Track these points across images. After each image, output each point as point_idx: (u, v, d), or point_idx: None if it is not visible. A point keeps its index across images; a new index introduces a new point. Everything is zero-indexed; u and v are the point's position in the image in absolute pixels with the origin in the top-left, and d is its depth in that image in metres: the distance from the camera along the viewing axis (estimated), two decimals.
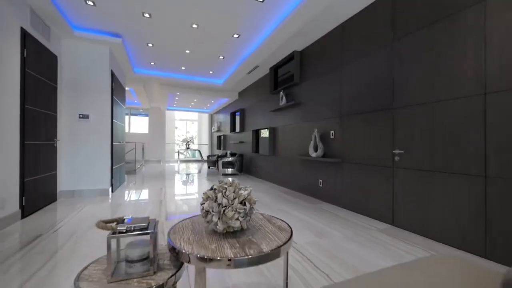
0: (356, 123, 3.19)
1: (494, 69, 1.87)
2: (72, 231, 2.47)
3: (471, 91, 2.01)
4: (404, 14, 2.56)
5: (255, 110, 6.64)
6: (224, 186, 1.01)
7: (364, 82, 3.05)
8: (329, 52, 3.69)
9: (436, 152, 2.25)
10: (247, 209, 0.98)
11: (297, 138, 4.56)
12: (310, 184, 4.16)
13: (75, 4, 3.20)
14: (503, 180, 1.80)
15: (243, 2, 3.06)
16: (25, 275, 1.64)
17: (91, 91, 4.11)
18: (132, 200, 3.91)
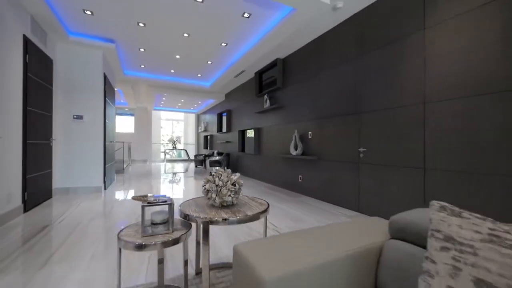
0: (330, 125, 3.66)
1: (431, 84, 2.38)
2: (76, 223, 2.74)
3: (414, 101, 2.51)
4: (366, 36, 3.06)
5: (241, 111, 7.02)
6: (220, 172, 1.39)
7: (337, 90, 3.53)
8: (308, 62, 4.15)
9: (390, 149, 2.75)
10: (236, 188, 1.37)
11: (279, 138, 4.99)
12: (291, 180, 4.61)
13: (74, 13, 3.43)
14: (437, 171, 2.31)
15: (231, 17, 3.44)
16: (47, 253, 1.94)
17: (85, 93, 4.32)
18: (126, 196, 4.17)
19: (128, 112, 12.32)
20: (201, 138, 12.67)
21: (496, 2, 1.93)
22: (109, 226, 2.64)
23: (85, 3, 3.17)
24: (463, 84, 2.13)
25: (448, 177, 2.23)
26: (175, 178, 6.48)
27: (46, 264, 1.78)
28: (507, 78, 1.87)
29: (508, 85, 1.86)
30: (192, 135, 14.51)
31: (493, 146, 1.93)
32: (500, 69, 1.91)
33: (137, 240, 1.12)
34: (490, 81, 1.96)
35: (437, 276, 0.65)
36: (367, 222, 1.20)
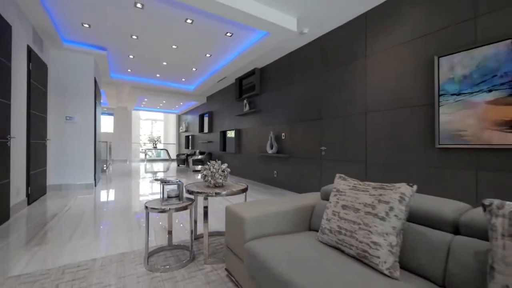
0: (299, 128, 4.37)
1: (370, 98, 3.14)
2: (81, 211, 3.16)
3: (359, 111, 3.27)
4: (327, 56, 3.79)
5: (222, 113, 7.57)
6: (214, 163, 1.99)
7: (305, 99, 4.24)
8: (282, 73, 4.83)
9: (343, 148, 3.50)
10: (225, 174, 1.97)
11: (257, 139, 5.64)
12: (268, 175, 5.27)
13: (72, 25, 3.79)
14: (374, 165, 3.08)
15: (216, 35, 4.02)
16: (68, 231, 2.40)
17: (77, 96, 4.64)
18: (118, 191, 4.57)
19: (107, 112, 12.28)
20: (182, 138, 12.96)
21: (413, 42, 2.72)
22: (113, 213, 3.10)
23: (84, 17, 3.56)
24: (390, 100, 2.91)
25: (381, 168, 3.00)
26: (160, 176, 6.87)
27: (72, 239, 2.25)
28: (415, 98, 2.65)
29: (416, 102, 2.65)
30: (173, 135, 14.71)
31: (410, 145, 2.72)
32: (412, 91, 2.70)
33: (160, 207, 1.69)
34: (407, 99, 2.75)
35: (331, 206, 1.32)
36: (311, 195, 1.87)
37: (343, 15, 3.31)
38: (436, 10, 2.51)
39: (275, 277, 1.04)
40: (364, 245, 1.07)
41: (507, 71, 2.03)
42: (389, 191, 1.12)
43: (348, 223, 1.17)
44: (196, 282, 1.54)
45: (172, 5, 3.18)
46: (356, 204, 1.18)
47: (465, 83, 2.27)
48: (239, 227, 1.43)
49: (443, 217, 1.05)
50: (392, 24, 2.91)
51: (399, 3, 2.84)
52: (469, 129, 2.24)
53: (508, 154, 2.03)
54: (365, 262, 1.07)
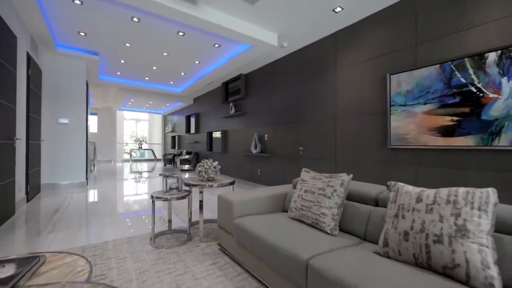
0: (280, 130, 4.86)
1: (339, 106, 3.69)
2: (81, 206, 3.45)
3: (331, 116, 3.81)
4: (305, 67, 4.31)
5: (209, 115, 7.94)
6: (207, 161, 2.41)
7: (285, 104, 4.74)
8: (265, 80, 5.30)
9: (318, 148, 4.03)
10: (216, 169, 2.40)
11: (242, 139, 6.08)
12: (252, 173, 5.72)
13: (68, 32, 4.03)
14: (342, 162, 3.62)
15: (205, 46, 4.41)
16: (76, 221, 2.72)
17: (69, 99, 4.85)
18: (109, 189, 4.83)
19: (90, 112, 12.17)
20: (168, 138, 13.10)
21: (372, 60, 3.28)
22: (111, 207, 3.42)
23: (81, 26, 3.82)
24: (354, 108, 3.46)
25: (347, 164, 3.55)
26: (150, 175, 7.12)
27: (80, 227, 2.58)
28: (373, 107, 3.22)
29: (374, 110, 3.21)
30: (158, 135, 14.78)
31: (369, 145, 3.28)
32: (370, 101, 3.26)
33: (164, 196, 2.09)
34: (367, 107, 3.30)
35: (297, 192, 1.79)
36: (286, 186, 2.35)
37: (317, 33, 3.83)
38: (389, 36, 3.09)
39: (257, 239, 1.49)
40: (316, 215, 1.55)
41: (436, 89, 2.62)
42: (335, 179, 1.61)
43: (307, 202, 1.65)
44: (195, 254, 1.97)
45: (166, 20, 3.54)
46: (313, 189, 1.67)
47: (409, 96, 2.85)
48: (228, 209, 1.87)
49: (369, 196, 1.55)
50: (357, 44, 3.46)
51: (361, 27, 3.40)
52: (411, 133, 2.82)
53: (438, 153, 2.62)
54: (317, 227, 1.55)
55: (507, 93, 2.17)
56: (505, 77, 2.18)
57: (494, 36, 2.26)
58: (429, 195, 1.12)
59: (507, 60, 2.18)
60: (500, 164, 2.22)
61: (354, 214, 1.54)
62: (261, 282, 1.57)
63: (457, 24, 2.50)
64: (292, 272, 1.22)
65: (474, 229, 0.96)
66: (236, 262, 1.84)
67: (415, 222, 1.09)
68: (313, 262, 1.13)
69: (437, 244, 1.00)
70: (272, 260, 1.35)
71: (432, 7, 2.69)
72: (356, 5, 3.08)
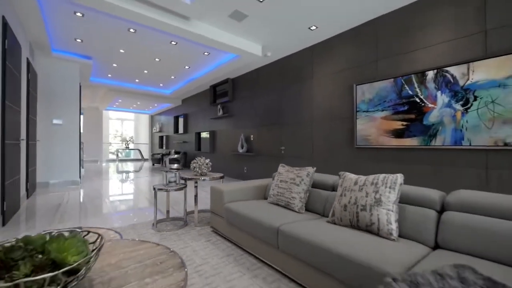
0: (264, 131, 5.33)
1: (315, 111, 4.20)
2: (81, 202, 3.75)
3: (308, 120, 4.32)
4: (286, 74, 4.80)
5: (197, 116, 8.28)
6: (199, 159, 2.82)
7: (269, 107, 5.21)
8: (250, 84, 5.75)
9: (297, 148, 4.53)
10: (208, 165, 2.82)
11: (230, 139, 6.49)
12: (239, 171, 6.16)
13: (65, 39, 4.28)
14: (318, 160, 4.14)
15: (195, 53, 4.79)
16: (80, 213, 3.04)
17: (63, 101, 5.06)
18: (102, 186, 5.10)
19: None
20: (156, 138, 13.24)
21: (343, 72, 3.81)
22: (109, 202, 3.74)
23: (78, 34, 4.09)
24: (328, 112, 3.99)
25: (322, 161, 4.07)
26: (139, 174, 7.36)
27: (86, 218, 2.91)
28: (343, 112, 3.75)
29: (343, 115, 3.74)
30: (145, 135, 14.84)
31: (340, 145, 3.81)
32: (341, 107, 3.79)
33: (164, 187, 2.49)
34: (338, 112, 3.84)
35: (274, 182, 2.26)
36: (268, 179, 2.82)
37: (296, 46, 4.33)
38: (356, 51, 3.63)
39: (243, 217, 1.94)
40: (288, 199, 2.02)
41: (391, 98, 3.18)
42: (303, 171, 2.09)
43: (282, 189, 2.12)
44: (192, 235, 2.38)
45: (160, 31, 3.90)
46: (287, 179, 2.14)
47: (370, 104, 3.40)
48: (220, 197, 2.30)
49: (327, 183, 2.04)
50: (329, 57, 3.99)
51: (333, 43, 3.93)
52: (372, 135, 3.37)
53: (392, 152, 3.18)
54: (288, 208, 2.03)
55: (441, 104, 2.76)
56: (439, 91, 2.77)
57: (432, 58, 2.84)
58: (362, 180, 1.62)
59: (441, 78, 2.76)
60: (435, 159, 2.80)
61: (317, 197, 2.03)
62: (245, 250, 2.02)
63: (407, 46, 3.07)
64: (268, 236, 1.68)
65: (385, 200, 1.46)
66: (226, 238, 2.28)
67: (351, 198, 1.59)
68: (282, 228, 1.60)
69: (363, 211, 1.49)
70: (254, 231, 1.81)
71: (388, 31, 3.25)
72: (328, 24, 3.60)
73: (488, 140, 2.43)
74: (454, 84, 2.67)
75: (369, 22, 3.45)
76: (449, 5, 2.72)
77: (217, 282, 1.55)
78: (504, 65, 2.36)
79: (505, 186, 2.35)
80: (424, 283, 0.83)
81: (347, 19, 3.44)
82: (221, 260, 1.86)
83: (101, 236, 0.92)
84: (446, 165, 2.73)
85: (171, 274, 0.98)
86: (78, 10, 3.33)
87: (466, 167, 2.59)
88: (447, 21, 2.74)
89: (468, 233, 1.25)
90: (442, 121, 2.75)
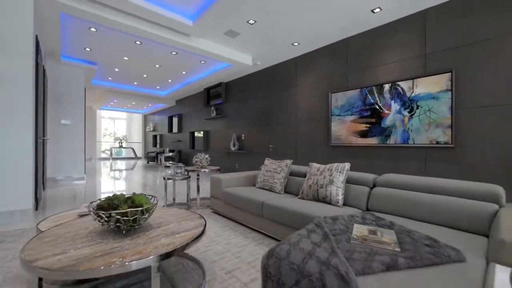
0: (255, 131, 5.95)
1: (300, 113, 4.87)
2: (93, 193, 4.26)
3: (293, 121, 4.98)
4: (274, 81, 5.44)
5: (191, 116, 8.81)
6: (200, 155, 3.42)
7: (258, 109, 5.84)
8: (242, 89, 6.36)
9: (283, 146, 5.19)
10: (208, 160, 3.43)
11: (223, 138, 7.09)
12: (231, 167, 6.76)
13: (75, 48, 4.76)
14: (300, 156, 4.81)
15: (193, 62, 5.36)
16: None
17: (69, 102, 5.51)
18: (107, 181, 5.59)
19: None
20: (149, 137, 13.62)
21: (321, 81, 4.48)
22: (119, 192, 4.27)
23: (88, 44, 4.58)
24: (309, 116, 4.66)
25: (304, 158, 4.74)
26: (139, 170, 7.84)
27: None
28: (321, 115, 4.43)
29: (321, 118, 4.42)
30: (138, 134, 15.16)
31: (318, 144, 4.49)
32: (319, 111, 4.47)
33: (173, 177, 3.08)
34: (317, 116, 4.51)
35: (261, 171, 2.90)
36: (257, 171, 3.46)
37: (282, 57, 4.98)
38: (331, 64, 4.31)
39: (237, 197, 2.56)
40: (271, 183, 2.67)
41: (357, 105, 3.87)
42: (283, 162, 2.73)
43: (266, 177, 2.76)
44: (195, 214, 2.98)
45: (163, 44, 4.45)
46: (271, 169, 2.78)
47: (342, 109, 4.09)
48: (218, 184, 2.92)
49: (301, 172, 2.70)
50: (310, 68, 4.66)
51: (313, 56, 4.60)
52: (343, 135, 4.07)
53: (359, 149, 3.88)
54: (271, 190, 2.67)
55: (394, 110, 3.47)
56: (393, 100, 3.48)
57: (388, 74, 3.55)
58: (322, 167, 2.28)
59: (394, 90, 3.47)
60: (390, 155, 3.52)
61: (293, 182, 2.68)
62: (238, 222, 2.65)
63: (370, 62, 3.77)
64: (255, 209, 2.32)
65: (336, 180, 2.12)
66: (223, 216, 2.90)
67: (314, 180, 2.24)
68: (266, 201, 2.24)
69: (321, 188, 2.15)
70: (246, 206, 2.44)
71: (356, 49, 3.95)
72: (307, 41, 4.27)
73: (426, 139, 3.16)
74: (403, 95, 3.39)
75: (342, 41, 4.14)
76: (401, 32, 3.44)
77: (219, 240, 2.17)
78: (438, 82, 3.08)
79: (437, 173, 3.08)
80: (340, 218, 1.50)
81: (323, 37, 4.11)
82: (221, 228, 2.48)
83: (155, 197, 1.53)
84: (397, 159, 3.45)
85: (194, 220, 1.60)
86: (93, 26, 3.84)
87: (411, 160, 3.32)
88: (400, 45, 3.45)
89: (386, 199, 1.92)
90: (395, 124, 3.46)
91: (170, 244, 1.22)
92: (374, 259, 0.98)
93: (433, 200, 1.68)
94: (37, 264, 1.00)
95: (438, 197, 1.69)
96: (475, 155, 2.81)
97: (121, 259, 1.05)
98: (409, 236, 1.21)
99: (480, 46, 2.79)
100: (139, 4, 3.14)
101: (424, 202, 1.71)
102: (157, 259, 1.11)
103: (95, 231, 1.38)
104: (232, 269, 1.68)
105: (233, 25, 3.72)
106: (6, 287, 1.43)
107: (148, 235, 1.33)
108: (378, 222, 1.46)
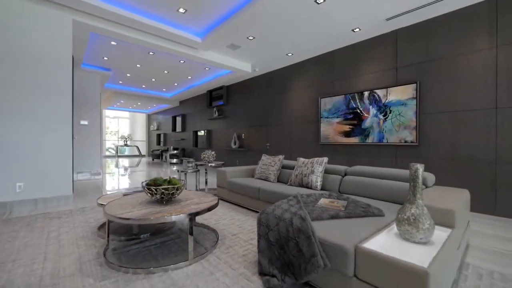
0: (253, 130, 6.58)
1: (294, 115, 5.49)
2: (115, 184, 4.88)
3: (287, 122, 5.61)
4: (271, 85, 6.06)
5: (194, 116, 9.43)
6: (208, 152, 4.04)
7: (257, 111, 6.46)
8: (242, 92, 6.98)
9: (279, 145, 5.82)
10: (214, 155, 4.06)
11: (224, 137, 7.71)
12: (232, 164, 7.39)
13: (95, 57, 5.36)
14: (294, 153, 5.44)
15: (198, 68, 5.97)
16: None
17: (87, 105, 6.12)
18: (120, 176, 6.23)
19: None
20: (153, 136, 14.23)
21: (312, 87, 5.10)
22: (134, 185, 4.89)
23: (107, 54, 5.18)
24: (301, 117, 5.28)
25: (296, 155, 5.37)
26: (146, 167, 8.47)
27: None
28: (311, 117, 5.05)
29: (312, 120, 5.04)
30: (142, 133, 15.76)
31: (309, 143, 5.11)
32: (310, 113, 5.09)
33: (185, 170, 3.70)
34: (308, 117, 5.13)
35: (258, 165, 3.54)
36: (256, 166, 4.09)
37: (278, 64, 5.60)
38: (320, 72, 4.93)
39: (239, 185, 3.19)
40: (267, 175, 3.30)
41: (342, 109, 4.50)
42: (276, 158, 3.36)
43: (263, 170, 3.39)
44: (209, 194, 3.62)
45: (173, 55, 5.06)
46: (266, 163, 3.41)
47: (330, 112, 4.71)
48: (224, 175, 3.55)
49: (291, 165, 3.33)
50: (303, 75, 5.28)
51: (305, 65, 5.22)
52: (330, 135, 4.69)
53: (343, 147, 4.51)
54: (267, 180, 3.30)
55: (372, 114, 4.09)
56: (371, 105, 4.10)
57: (368, 82, 4.17)
58: (306, 161, 2.91)
59: (372, 96, 4.09)
60: (368, 152, 4.15)
61: (285, 174, 3.31)
62: (240, 205, 3.28)
63: (353, 72, 4.39)
64: (253, 193, 2.95)
65: (316, 171, 2.75)
66: (228, 201, 3.53)
67: (299, 171, 2.87)
68: (262, 187, 2.87)
69: (304, 177, 2.78)
70: (246, 191, 3.08)
71: (342, 60, 4.56)
72: (300, 53, 4.88)
73: (396, 139, 3.79)
74: (379, 101, 4.01)
75: (328, 53, 4.76)
76: (378, 47, 4.05)
77: (225, 217, 2.81)
78: (406, 91, 3.70)
79: (405, 166, 3.72)
80: (312, 195, 2.13)
81: (312, 50, 4.72)
82: (227, 209, 3.12)
83: (183, 180, 2.16)
84: (374, 156, 4.08)
85: (210, 197, 2.24)
86: (114, 40, 4.44)
87: (385, 156, 3.95)
88: (377, 58, 4.07)
89: (352, 184, 2.55)
90: (372, 126, 4.09)
91: (197, 208, 1.85)
92: (324, 213, 1.61)
93: (384, 184, 2.32)
94: (122, 216, 1.63)
95: (387, 181, 2.32)
96: (432, 152, 3.44)
97: (168, 214, 1.68)
98: (354, 203, 1.85)
99: (437, 62, 3.41)
100: (159, 27, 3.76)
101: (377, 185, 2.35)
102: (190, 216, 1.74)
103: (145, 201, 2.02)
104: (236, 233, 2.31)
105: (234, 40, 4.33)
106: (81, 241, 2.06)
107: (181, 204, 1.96)
108: (339, 197, 2.09)
